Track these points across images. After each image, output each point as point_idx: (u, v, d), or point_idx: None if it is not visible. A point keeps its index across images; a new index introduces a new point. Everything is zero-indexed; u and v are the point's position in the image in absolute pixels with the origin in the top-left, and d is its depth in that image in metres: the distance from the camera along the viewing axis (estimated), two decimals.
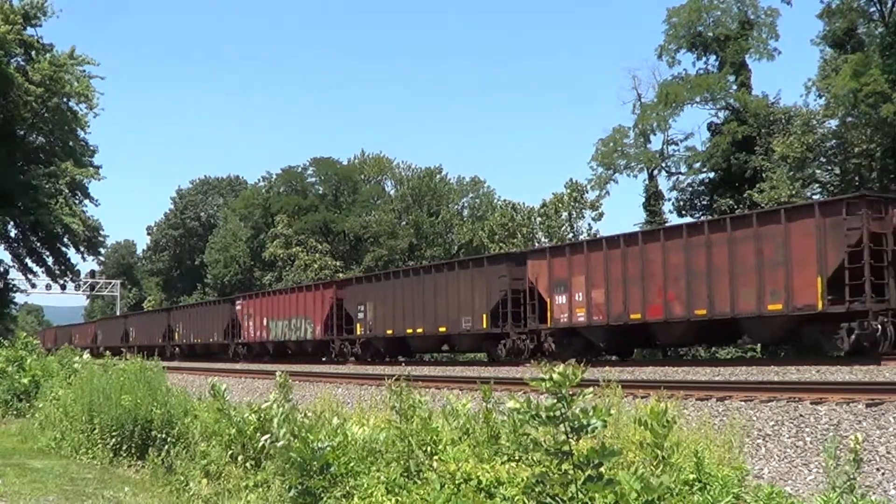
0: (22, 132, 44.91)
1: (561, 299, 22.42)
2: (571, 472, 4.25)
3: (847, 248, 16.10)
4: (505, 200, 58.23)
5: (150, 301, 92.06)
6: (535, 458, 5.08)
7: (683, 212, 44.94)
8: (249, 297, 41.70)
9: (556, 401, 4.22)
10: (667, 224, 25.57)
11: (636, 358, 24.74)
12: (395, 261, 62.41)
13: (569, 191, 50.09)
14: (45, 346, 44.21)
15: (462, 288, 25.83)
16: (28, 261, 50.11)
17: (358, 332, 30.90)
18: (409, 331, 28.13)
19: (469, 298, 25.51)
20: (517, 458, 6.00)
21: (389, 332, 29.12)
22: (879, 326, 15.75)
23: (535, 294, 23.41)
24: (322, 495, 6.13)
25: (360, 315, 30.85)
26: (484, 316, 24.94)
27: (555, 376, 4.21)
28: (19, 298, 62.51)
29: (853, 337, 16.05)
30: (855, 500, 4.84)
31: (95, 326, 67.61)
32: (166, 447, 9.43)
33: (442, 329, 26.63)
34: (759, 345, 25.72)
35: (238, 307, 40.84)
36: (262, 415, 7.87)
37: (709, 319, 18.87)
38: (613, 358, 23.32)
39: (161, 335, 49.14)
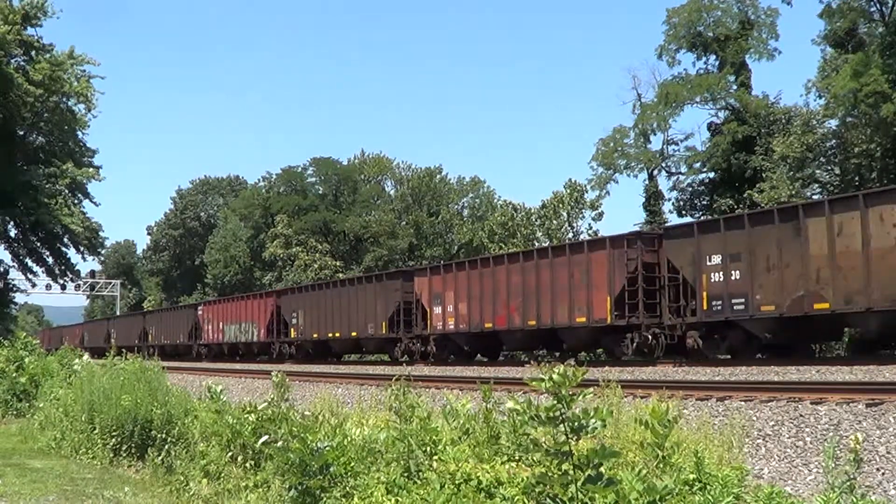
0: (22, 132, 44.91)
1: (438, 310, 27.00)
2: (571, 472, 4.25)
3: (627, 274, 20.83)
4: (505, 200, 58.25)
5: (150, 301, 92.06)
6: (535, 459, 5.07)
7: (683, 212, 45.00)
8: (208, 303, 47.08)
9: (555, 401, 4.22)
10: (511, 251, 31.49)
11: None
12: (395, 261, 62.43)
13: (569, 191, 50.11)
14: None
15: (368, 299, 30.68)
16: (28, 261, 50.11)
17: (293, 336, 35.70)
18: (330, 335, 32.92)
19: (373, 308, 30.29)
20: (517, 458, 5.99)
21: (316, 335, 33.96)
22: (650, 336, 20.32)
23: (421, 305, 28.08)
24: (322, 495, 6.13)
25: (294, 321, 35.62)
26: (384, 323, 29.75)
27: (554, 377, 4.21)
28: (19, 298, 62.54)
29: (634, 344, 20.50)
30: (855, 500, 4.83)
31: (82, 328, 72.80)
32: (166, 447, 9.43)
33: (353, 334, 31.35)
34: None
35: (199, 312, 45.47)
36: (260, 415, 7.87)
37: (537, 329, 23.29)
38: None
39: (138, 336, 53.59)
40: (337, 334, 32.48)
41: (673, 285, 20.41)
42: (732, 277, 18.62)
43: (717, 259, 19.01)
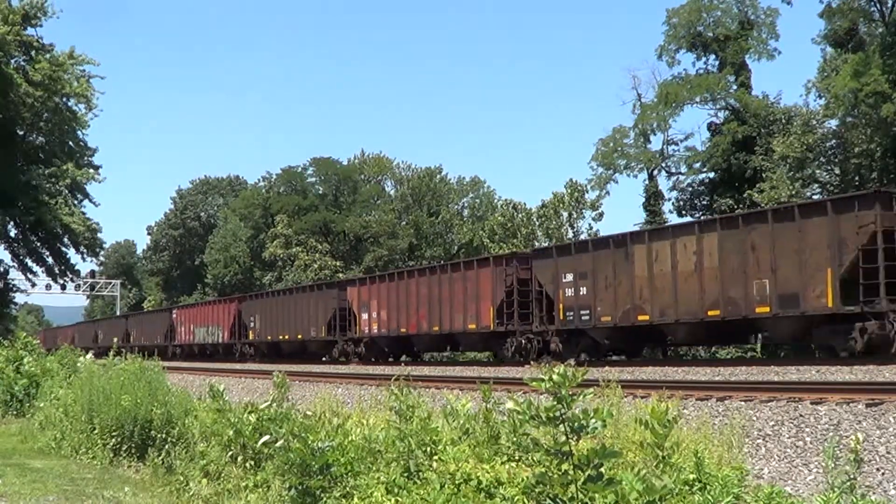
0: (22, 132, 44.88)
1: (365, 316, 31.15)
2: (571, 472, 4.25)
3: (505, 288, 24.84)
4: (506, 200, 58.11)
5: (150, 301, 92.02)
6: (535, 459, 5.07)
7: (683, 212, 44.97)
8: (181, 307, 51.99)
9: (555, 402, 4.22)
10: (421, 267, 35.01)
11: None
12: (396, 261, 62.42)
13: (569, 191, 50.07)
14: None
15: (311, 306, 34.90)
16: (28, 261, 50.10)
17: (251, 338, 39.87)
18: (281, 337, 37.03)
19: (315, 314, 34.56)
20: (517, 458, 5.99)
21: (269, 337, 38.27)
22: (524, 341, 24.00)
23: (352, 312, 32.08)
24: (322, 495, 6.13)
25: (252, 324, 39.76)
26: (323, 327, 33.88)
27: (554, 377, 4.21)
28: (19, 298, 62.58)
29: (513, 347, 24.33)
30: (855, 500, 4.83)
31: (73, 329, 76.85)
32: (166, 447, 9.43)
33: (299, 336, 35.75)
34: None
35: (174, 316, 49.96)
36: (261, 415, 7.87)
37: (440, 333, 27.40)
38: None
39: (121, 337, 56.79)
40: (286, 336, 36.71)
41: (540, 299, 24.09)
42: (581, 293, 22.35)
43: (570, 277, 22.73)
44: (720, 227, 19.23)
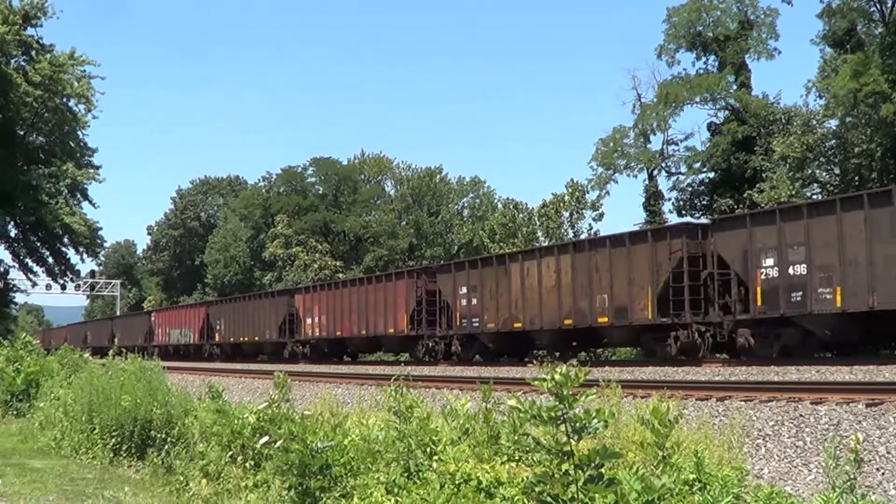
0: (22, 132, 44.87)
1: (309, 321, 35.02)
2: (572, 472, 4.25)
3: (416, 297, 28.74)
4: (507, 199, 58.02)
5: (150, 301, 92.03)
6: (535, 459, 5.07)
7: (683, 212, 44.96)
8: (159, 311, 57.62)
9: (557, 401, 4.21)
10: (351, 277, 40.70)
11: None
12: (396, 261, 62.41)
13: (569, 191, 50.04)
14: None
15: (266, 311, 39.07)
16: (28, 261, 50.08)
17: (217, 339, 43.83)
18: (243, 338, 41.38)
19: (268, 318, 38.60)
20: (517, 458, 5.99)
21: (232, 339, 42.23)
22: (433, 343, 27.89)
23: (299, 317, 36.02)
24: (321, 496, 6.13)
25: (218, 327, 43.67)
26: (276, 330, 37.87)
27: (556, 377, 4.20)
28: (19, 298, 62.63)
29: (424, 348, 28.09)
30: (855, 500, 4.83)
31: (65, 330, 79.93)
32: (166, 447, 9.43)
33: (256, 338, 39.86)
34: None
35: (153, 318, 54.29)
36: (261, 415, 7.87)
37: (367, 336, 31.42)
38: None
39: (107, 338, 59.15)
40: (246, 338, 40.96)
41: (444, 307, 27.74)
42: (472, 303, 25.94)
43: (464, 290, 26.32)
44: (573, 250, 22.78)
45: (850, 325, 17.09)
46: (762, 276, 17.91)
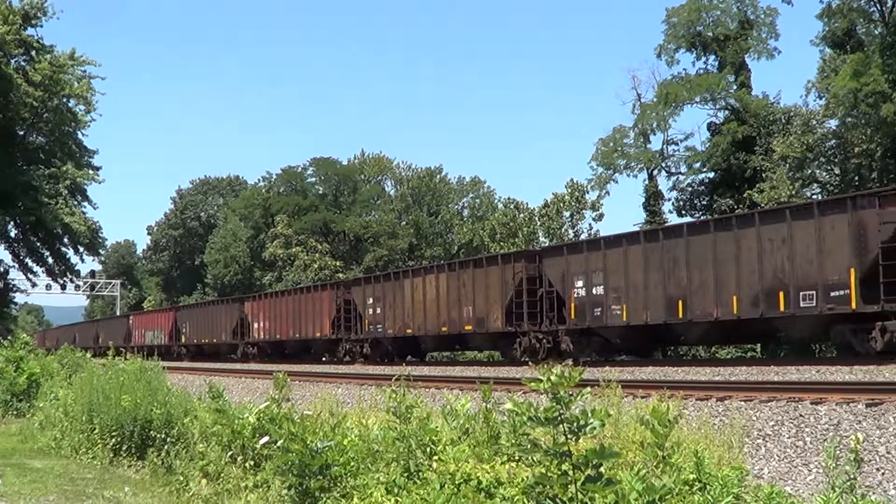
0: (22, 132, 44.90)
1: (256, 325, 39.76)
2: (571, 472, 4.25)
3: (336, 306, 33.26)
4: (508, 198, 57.98)
5: (149, 301, 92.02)
6: (534, 459, 5.07)
7: (683, 212, 44.93)
8: (136, 314, 62.76)
9: (554, 402, 4.21)
10: (287, 288, 45.89)
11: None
12: (396, 261, 62.39)
13: (569, 191, 50.02)
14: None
15: (222, 315, 43.43)
16: (28, 261, 50.13)
17: (183, 341, 48.31)
18: (203, 340, 45.74)
19: (224, 322, 43.01)
20: (517, 458, 5.99)
21: (195, 340, 46.76)
22: (349, 346, 32.17)
23: (247, 321, 40.73)
24: (321, 496, 6.13)
25: (184, 329, 48.24)
26: (230, 333, 42.16)
27: (552, 378, 4.20)
28: (19, 298, 62.78)
29: (343, 349, 32.65)
30: (855, 500, 4.83)
31: (57, 332, 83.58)
32: (166, 447, 9.43)
33: (215, 340, 44.33)
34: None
35: (130, 321, 58.68)
36: (261, 415, 7.87)
37: (299, 339, 35.96)
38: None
39: (93, 339, 63.65)
40: (206, 340, 45.36)
41: (356, 315, 32.17)
42: (377, 312, 30.14)
43: (371, 300, 30.70)
44: (448, 269, 27.21)
45: (634, 334, 21.35)
46: (575, 295, 22.18)
